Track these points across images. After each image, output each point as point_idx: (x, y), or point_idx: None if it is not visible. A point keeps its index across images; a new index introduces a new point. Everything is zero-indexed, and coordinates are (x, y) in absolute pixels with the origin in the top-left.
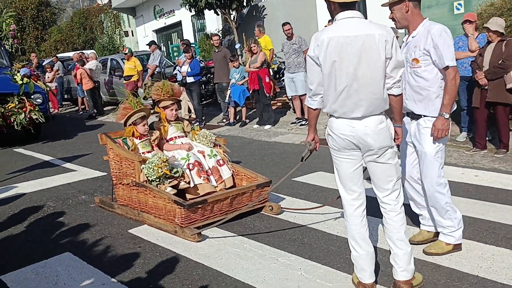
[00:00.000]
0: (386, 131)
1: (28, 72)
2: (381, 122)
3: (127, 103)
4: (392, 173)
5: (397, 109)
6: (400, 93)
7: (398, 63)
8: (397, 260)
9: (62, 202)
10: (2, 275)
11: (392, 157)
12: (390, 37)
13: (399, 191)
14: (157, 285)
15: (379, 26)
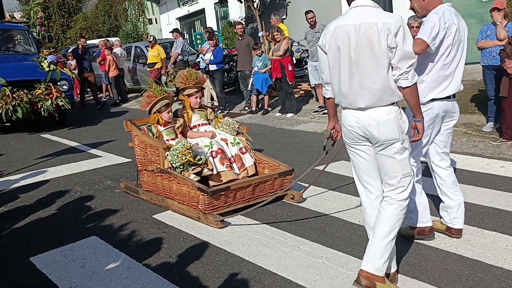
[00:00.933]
0: (392, 123)
1: (54, 59)
2: (388, 113)
3: (151, 91)
4: (397, 168)
5: (410, 103)
6: (409, 85)
7: (405, 54)
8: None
9: (89, 187)
10: (32, 257)
11: (399, 152)
12: (396, 26)
13: (404, 189)
14: (181, 269)
15: (386, 15)
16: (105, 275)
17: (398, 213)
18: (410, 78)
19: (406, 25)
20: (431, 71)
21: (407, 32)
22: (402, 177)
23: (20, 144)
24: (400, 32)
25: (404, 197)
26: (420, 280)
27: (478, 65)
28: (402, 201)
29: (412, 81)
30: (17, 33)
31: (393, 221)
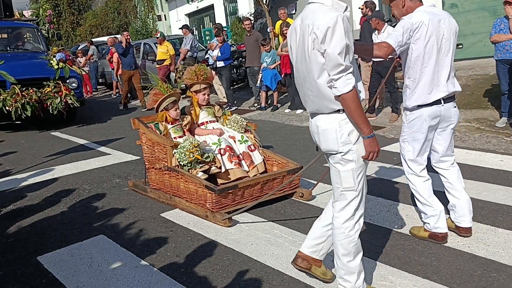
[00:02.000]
0: (331, 134)
1: (63, 57)
2: (328, 123)
3: (157, 89)
4: (338, 180)
5: (349, 114)
6: (339, 94)
7: (330, 59)
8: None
9: (97, 185)
10: (39, 256)
11: (341, 163)
12: (323, 29)
13: (345, 204)
14: (188, 269)
15: (323, 15)
16: (112, 274)
17: (344, 236)
18: (340, 86)
19: (339, 27)
20: (412, 76)
21: (338, 34)
22: (343, 190)
23: (30, 142)
24: (328, 35)
25: (347, 215)
26: (432, 280)
27: (491, 59)
28: (346, 222)
29: (342, 90)
30: (26, 31)
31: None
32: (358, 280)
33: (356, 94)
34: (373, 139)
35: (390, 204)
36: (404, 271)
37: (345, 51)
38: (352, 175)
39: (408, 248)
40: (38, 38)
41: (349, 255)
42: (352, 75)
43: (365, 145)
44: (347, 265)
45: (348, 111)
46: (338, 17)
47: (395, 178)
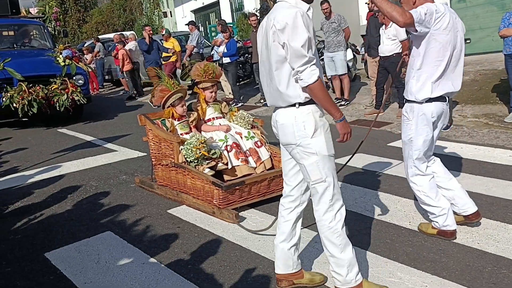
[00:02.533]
0: (288, 128)
1: (70, 54)
2: (286, 116)
3: (163, 85)
4: (306, 174)
5: (319, 103)
6: (305, 85)
7: (293, 52)
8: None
9: (104, 182)
10: (46, 253)
11: (304, 158)
12: (282, 23)
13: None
14: (195, 265)
15: (284, 11)
16: (119, 271)
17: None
18: (306, 77)
19: (299, 21)
20: (425, 68)
21: (299, 27)
22: (312, 183)
23: (37, 139)
24: (287, 29)
25: (324, 208)
26: (441, 277)
27: (499, 54)
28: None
29: (308, 81)
30: (33, 28)
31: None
32: (350, 274)
33: (322, 83)
34: (344, 122)
35: (398, 200)
36: (413, 268)
37: (308, 44)
38: (317, 168)
39: (417, 244)
40: (45, 35)
41: (335, 247)
42: (315, 66)
43: (338, 128)
44: (335, 256)
45: (317, 100)
46: (298, 12)
47: (402, 174)
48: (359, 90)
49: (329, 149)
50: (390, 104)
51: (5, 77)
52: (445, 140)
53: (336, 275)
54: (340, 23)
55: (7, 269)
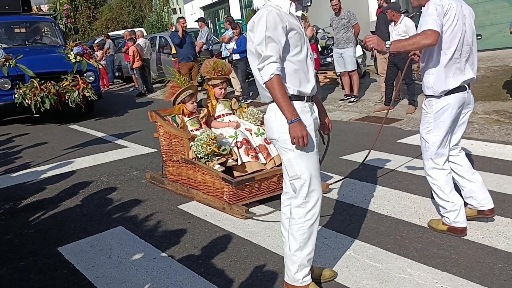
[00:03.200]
0: (270, 123)
1: (81, 51)
2: (269, 111)
3: (174, 81)
4: (284, 169)
5: (274, 100)
6: (263, 82)
7: (253, 49)
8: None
9: (115, 178)
10: (59, 247)
11: (282, 153)
12: (251, 22)
13: (295, 193)
14: (206, 260)
15: (260, 10)
16: (131, 265)
17: (295, 224)
18: (263, 74)
19: (262, 20)
20: (437, 61)
21: (259, 26)
22: (291, 179)
23: (48, 135)
24: (254, 27)
25: (298, 202)
26: (452, 273)
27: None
28: (297, 209)
29: (264, 78)
30: (44, 25)
31: (292, 232)
32: (298, 273)
33: (278, 81)
34: (295, 124)
35: (408, 196)
36: (423, 264)
37: (265, 42)
38: (293, 164)
39: (427, 241)
40: (56, 32)
41: (295, 243)
42: (274, 64)
43: (289, 130)
44: (291, 251)
45: (272, 97)
46: (264, 11)
47: (413, 171)
48: (369, 86)
49: (307, 146)
50: (400, 100)
51: (17, 74)
52: None
53: (287, 269)
54: (350, 19)
55: (20, 263)
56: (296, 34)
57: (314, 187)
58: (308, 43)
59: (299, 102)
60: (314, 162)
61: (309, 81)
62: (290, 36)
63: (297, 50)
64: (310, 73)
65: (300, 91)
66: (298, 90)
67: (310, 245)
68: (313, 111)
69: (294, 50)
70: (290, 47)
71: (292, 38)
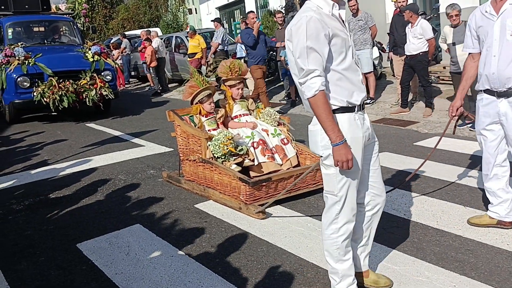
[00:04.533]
0: (314, 137)
1: (98, 50)
2: (314, 124)
3: (193, 81)
4: (324, 182)
5: (317, 117)
6: (305, 98)
7: (294, 61)
8: None
9: (132, 176)
10: (79, 243)
11: (323, 166)
12: (288, 31)
13: (328, 206)
14: (223, 259)
15: (297, 15)
16: (149, 263)
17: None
18: (305, 90)
19: (301, 29)
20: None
21: (299, 36)
22: (325, 192)
23: (66, 133)
24: (293, 36)
25: (330, 218)
26: (470, 277)
27: None
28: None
29: (307, 94)
30: (63, 25)
31: (326, 247)
32: (341, 283)
33: (322, 98)
34: (340, 147)
35: (425, 199)
36: (440, 267)
37: (307, 54)
38: (332, 180)
39: (445, 244)
40: (74, 31)
41: (331, 257)
42: (318, 79)
43: (333, 153)
44: (330, 264)
45: (316, 115)
46: (303, 18)
47: (429, 174)
48: (385, 88)
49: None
50: (417, 103)
51: (36, 72)
52: (473, 140)
53: (331, 278)
54: (367, 21)
55: (40, 258)
56: (340, 40)
57: (349, 205)
58: (353, 47)
59: (348, 114)
60: (355, 181)
61: (357, 90)
62: (333, 44)
63: (342, 57)
64: (357, 80)
65: (349, 101)
66: (346, 101)
67: (349, 255)
68: (364, 120)
69: (338, 58)
70: (333, 55)
71: (336, 45)
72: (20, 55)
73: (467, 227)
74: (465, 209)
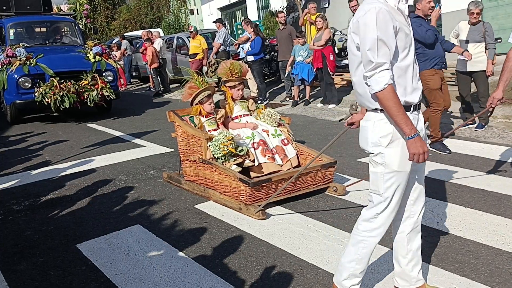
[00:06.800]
0: (365, 132)
1: (100, 51)
2: (367, 120)
3: (192, 82)
4: (370, 178)
5: (387, 113)
6: (373, 92)
7: (362, 54)
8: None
9: (132, 176)
10: (78, 244)
11: (372, 164)
12: (355, 22)
13: (371, 206)
14: (222, 260)
15: (362, 8)
16: (148, 263)
17: (358, 235)
18: (372, 84)
19: (370, 20)
20: None
21: (368, 28)
22: (370, 191)
23: (67, 133)
24: (361, 28)
25: (368, 216)
26: (470, 278)
27: None
28: (365, 222)
29: (375, 88)
30: (64, 25)
31: (353, 241)
32: (346, 281)
33: (392, 92)
34: (415, 140)
35: (426, 200)
36: (441, 269)
37: (378, 47)
38: (379, 179)
39: (445, 245)
40: (75, 32)
41: (352, 254)
42: (387, 72)
43: (407, 146)
44: (346, 259)
45: (385, 110)
46: (372, 9)
47: (430, 175)
48: None
49: (401, 165)
50: None
51: (37, 73)
52: (474, 141)
53: (338, 271)
54: None
55: (40, 259)
56: (404, 35)
57: (390, 208)
58: (413, 43)
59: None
60: (403, 182)
61: (416, 88)
62: (398, 38)
63: (405, 53)
64: (416, 78)
65: (406, 101)
66: (404, 100)
67: (366, 259)
68: (418, 121)
69: (401, 53)
70: (398, 50)
71: (401, 40)
72: (21, 55)
73: (468, 228)
74: (466, 210)
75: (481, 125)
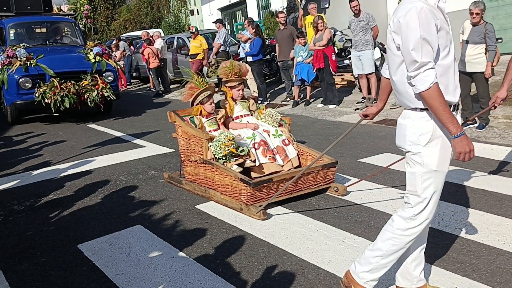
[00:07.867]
0: (403, 130)
1: (100, 51)
2: (405, 118)
3: (193, 82)
4: (407, 179)
5: (432, 112)
6: (418, 92)
7: (405, 54)
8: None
9: (133, 177)
10: (79, 244)
11: (409, 164)
12: (395, 21)
13: (409, 207)
14: (223, 260)
15: (403, 6)
16: (149, 263)
17: (391, 232)
18: (417, 84)
19: (412, 19)
20: None
21: (410, 27)
22: (407, 192)
23: (68, 134)
24: (403, 28)
25: (405, 215)
26: (471, 278)
27: None
28: (401, 219)
29: (420, 88)
30: (64, 26)
31: (384, 237)
32: (366, 273)
33: (436, 91)
34: (461, 138)
35: None
36: (442, 269)
37: (421, 46)
38: (417, 179)
39: (446, 246)
40: (76, 32)
41: (381, 249)
42: (432, 71)
43: (453, 145)
44: (372, 253)
45: (430, 109)
46: (413, 9)
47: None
48: None
49: (440, 164)
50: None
51: (38, 73)
52: (475, 141)
53: (358, 262)
54: (369, 21)
55: (41, 259)
56: (445, 33)
57: (429, 209)
58: (453, 42)
59: None
60: (440, 183)
61: (456, 88)
62: (439, 36)
63: (446, 52)
64: (456, 77)
65: (448, 100)
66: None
67: (393, 258)
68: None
69: (443, 52)
70: (439, 49)
71: (442, 38)
72: (22, 56)
73: (469, 228)
74: (467, 210)
75: (482, 125)
